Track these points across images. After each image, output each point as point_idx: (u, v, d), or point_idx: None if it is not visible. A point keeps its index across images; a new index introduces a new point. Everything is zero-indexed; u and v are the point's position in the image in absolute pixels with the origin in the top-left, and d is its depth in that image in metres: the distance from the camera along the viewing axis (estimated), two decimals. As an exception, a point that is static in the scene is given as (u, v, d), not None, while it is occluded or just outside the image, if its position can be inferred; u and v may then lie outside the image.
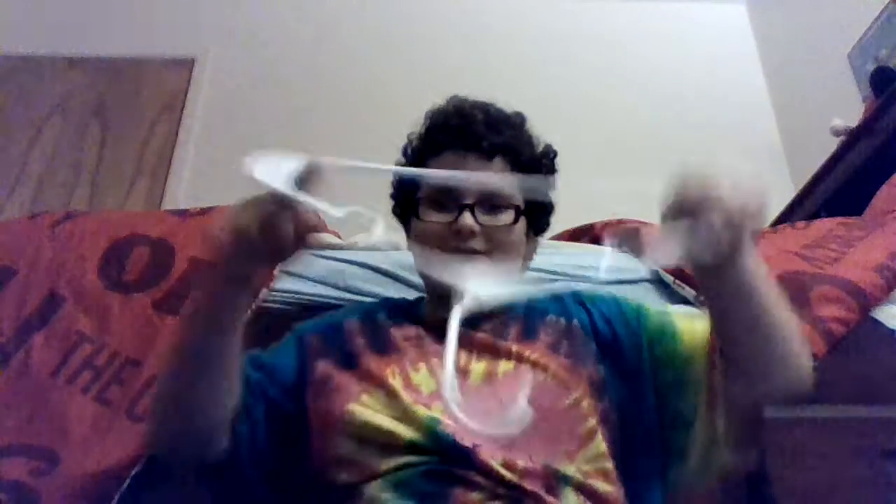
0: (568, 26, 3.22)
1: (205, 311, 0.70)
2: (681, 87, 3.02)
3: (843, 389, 1.11)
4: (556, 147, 0.97)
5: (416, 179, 0.88)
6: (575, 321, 0.84)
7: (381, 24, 3.22)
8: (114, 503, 0.98)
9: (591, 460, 0.73)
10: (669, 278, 1.19)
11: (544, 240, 1.06)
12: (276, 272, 1.19)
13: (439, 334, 0.75)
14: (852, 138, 1.99)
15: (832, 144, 2.13)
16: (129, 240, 1.23)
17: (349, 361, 0.81)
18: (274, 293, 1.18)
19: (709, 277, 0.69)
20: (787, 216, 2.11)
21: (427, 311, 0.89)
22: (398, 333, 0.84)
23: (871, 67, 2.25)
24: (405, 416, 0.72)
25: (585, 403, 0.75)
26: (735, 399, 0.75)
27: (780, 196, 2.20)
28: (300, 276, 1.20)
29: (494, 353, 0.80)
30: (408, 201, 0.90)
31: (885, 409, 1.10)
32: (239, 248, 0.64)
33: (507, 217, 0.84)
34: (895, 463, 1.03)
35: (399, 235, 1.01)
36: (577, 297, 0.89)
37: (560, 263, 1.21)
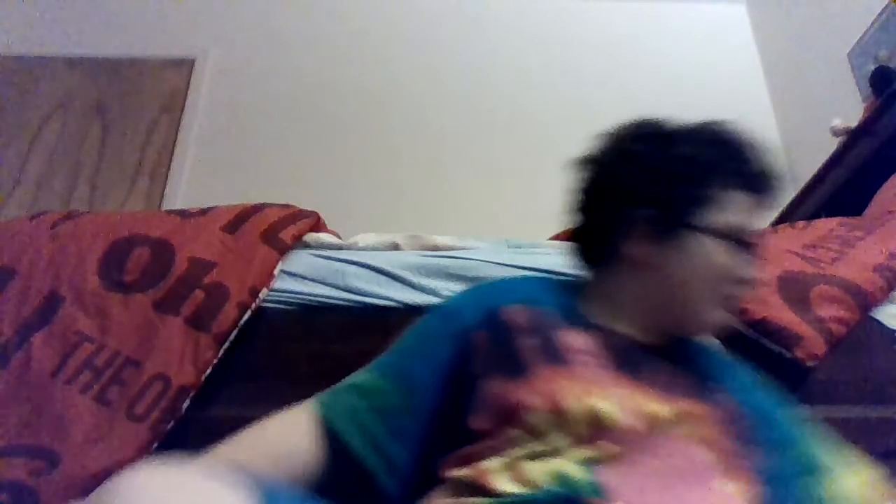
0: (567, 26, 3.22)
1: None
2: (681, 87, 3.02)
3: (843, 389, 1.11)
4: (554, 146, 0.97)
5: (705, 200, 0.79)
6: (744, 405, 0.77)
7: (382, 24, 3.22)
8: (114, 503, 0.98)
9: None
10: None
11: (542, 240, 1.06)
12: (276, 272, 1.19)
13: (621, 356, 0.74)
14: (852, 138, 1.99)
15: (832, 144, 2.13)
16: (129, 240, 1.23)
17: (518, 369, 0.73)
18: (274, 293, 1.18)
19: None
20: (787, 216, 2.11)
21: (602, 320, 0.81)
22: (572, 340, 0.76)
23: (871, 67, 2.25)
24: (562, 449, 0.66)
25: (739, 484, 0.69)
26: None
27: (780, 196, 2.20)
28: (300, 276, 1.20)
29: (674, 396, 0.72)
30: (687, 214, 0.80)
31: (885, 409, 1.10)
32: None
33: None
34: (895, 463, 1.03)
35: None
36: (752, 374, 0.86)
37: (560, 264, 1.21)
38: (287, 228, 1.26)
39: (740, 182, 0.81)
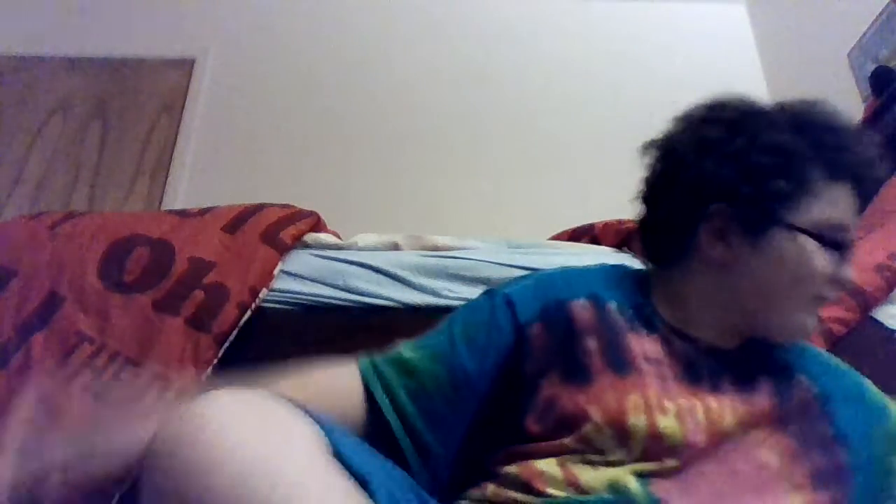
0: (567, 26, 3.22)
1: None
2: (680, 87, 3.01)
3: (843, 389, 1.11)
4: (554, 146, 0.96)
5: (799, 193, 0.71)
6: (820, 395, 0.71)
7: (382, 24, 3.21)
8: (114, 503, 0.98)
9: None
10: None
11: (542, 240, 1.05)
12: (276, 272, 1.19)
13: (690, 363, 0.70)
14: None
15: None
16: (129, 240, 1.23)
17: (579, 374, 0.70)
18: (274, 293, 1.18)
19: None
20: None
21: (675, 321, 0.75)
22: (637, 345, 0.71)
23: (871, 67, 2.25)
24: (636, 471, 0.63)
25: (804, 490, 0.65)
26: None
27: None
28: (300, 276, 1.20)
29: (741, 402, 0.69)
30: (781, 206, 0.71)
31: (885, 409, 1.10)
32: None
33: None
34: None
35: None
36: (819, 360, 0.78)
37: (560, 264, 1.21)
38: (287, 228, 1.26)
39: (837, 172, 0.71)
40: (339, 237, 1.37)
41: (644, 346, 0.71)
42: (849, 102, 2.40)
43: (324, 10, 3.24)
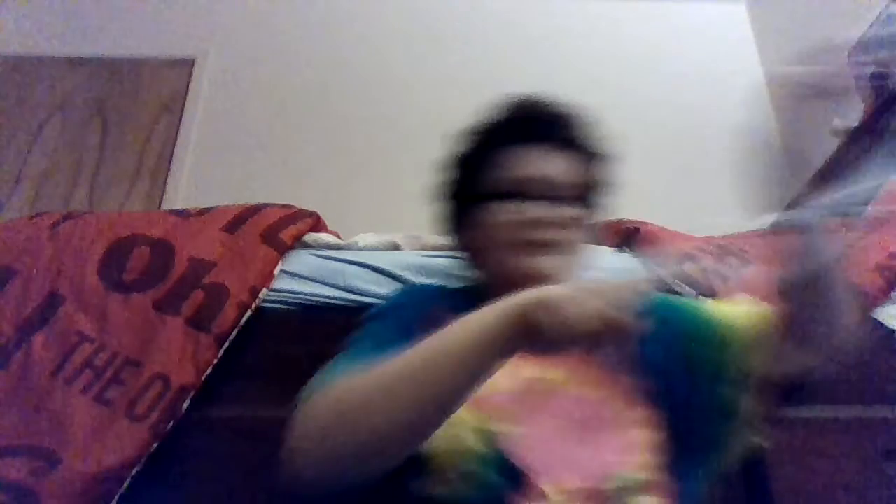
0: (566, 26, 3.22)
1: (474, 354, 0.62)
2: (680, 87, 3.02)
3: (843, 389, 1.11)
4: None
5: (481, 170, 0.87)
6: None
7: (382, 24, 3.22)
8: (113, 503, 0.98)
9: (639, 471, 0.71)
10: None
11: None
12: (276, 272, 1.19)
13: None
14: (852, 138, 1.98)
15: (832, 144, 2.13)
16: (129, 240, 1.23)
17: None
18: (274, 293, 1.18)
19: None
20: (787, 216, 2.11)
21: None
22: None
23: (870, 67, 2.25)
24: (476, 421, 0.71)
25: (631, 414, 0.74)
26: (787, 371, 0.76)
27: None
28: (300, 276, 1.20)
29: (547, 360, 0.77)
30: (464, 193, 0.90)
31: (885, 409, 1.10)
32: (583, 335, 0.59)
33: (578, 211, 0.84)
34: (895, 463, 1.03)
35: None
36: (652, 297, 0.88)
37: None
38: (287, 228, 1.26)
39: (504, 138, 0.87)
40: (339, 237, 1.37)
41: None
42: (849, 102, 2.40)
43: (324, 10, 3.24)
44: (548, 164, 0.85)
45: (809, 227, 0.71)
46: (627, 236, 1.37)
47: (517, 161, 0.85)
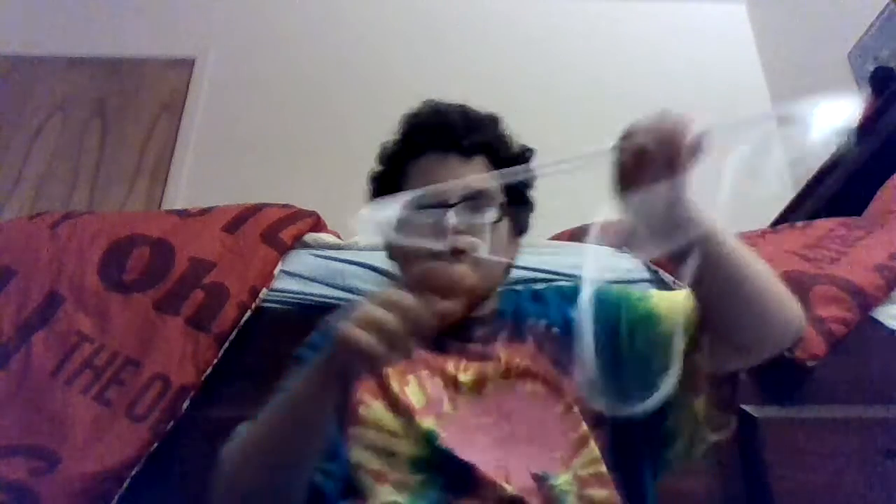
0: (567, 26, 3.22)
1: (305, 405, 0.67)
2: (680, 87, 3.02)
3: (843, 389, 1.11)
4: (554, 147, 0.97)
5: (391, 184, 0.90)
6: (554, 325, 0.84)
7: (382, 24, 3.22)
8: (113, 503, 0.98)
9: (587, 465, 0.73)
10: (669, 278, 1.19)
11: (542, 240, 1.06)
12: (276, 272, 1.19)
13: (431, 346, 0.78)
14: (852, 138, 1.98)
15: (832, 144, 2.12)
16: (129, 240, 1.23)
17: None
18: (274, 293, 1.18)
19: (676, 238, 0.70)
20: (787, 216, 2.11)
21: None
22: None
23: (871, 67, 2.25)
24: (407, 428, 0.74)
25: (576, 409, 0.75)
26: (724, 367, 0.75)
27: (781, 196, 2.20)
28: (300, 276, 1.20)
29: (484, 360, 0.79)
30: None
31: (885, 409, 1.10)
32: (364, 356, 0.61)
33: (490, 216, 0.85)
34: (895, 463, 1.03)
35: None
36: (560, 294, 0.89)
37: (560, 264, 1.21)
38: (287, 228, 1.26)
39: (407, 151, 0.92)
40: (339, 237, 1.36)
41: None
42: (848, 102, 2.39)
43: (324, 9, 3.25)
44: (448, 172, 0.87)
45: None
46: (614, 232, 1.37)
47: (429, 170, 0.88)
